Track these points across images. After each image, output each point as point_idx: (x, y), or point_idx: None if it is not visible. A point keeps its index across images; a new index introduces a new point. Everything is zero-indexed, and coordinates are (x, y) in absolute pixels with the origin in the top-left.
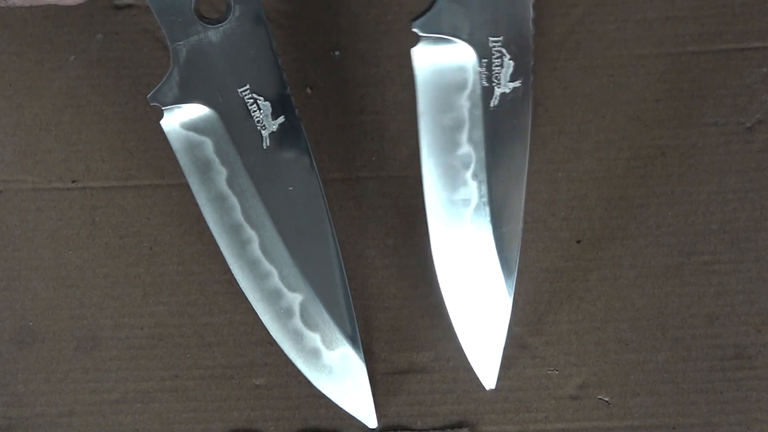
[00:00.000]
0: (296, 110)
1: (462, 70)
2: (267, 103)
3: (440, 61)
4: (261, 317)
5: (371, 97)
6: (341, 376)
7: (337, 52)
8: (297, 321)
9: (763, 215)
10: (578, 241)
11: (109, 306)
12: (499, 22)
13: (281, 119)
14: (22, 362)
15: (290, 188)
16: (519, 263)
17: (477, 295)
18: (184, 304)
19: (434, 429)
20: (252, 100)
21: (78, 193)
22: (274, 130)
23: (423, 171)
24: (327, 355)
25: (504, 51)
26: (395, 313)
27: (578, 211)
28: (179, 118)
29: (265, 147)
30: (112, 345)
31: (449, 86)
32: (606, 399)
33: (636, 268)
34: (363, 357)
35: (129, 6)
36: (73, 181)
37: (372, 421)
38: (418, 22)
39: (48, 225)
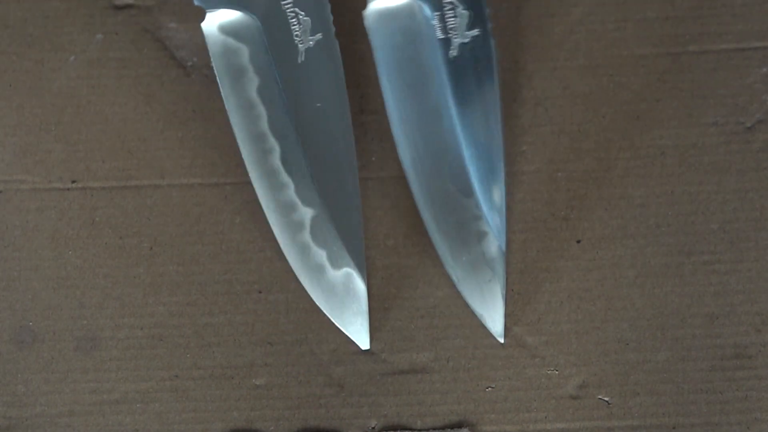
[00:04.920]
0: (334, 30)
1: (415, 24)
2: (307, 18)
3: (392, 20)
4: (272, 228)
5: (371, 97)
6: (342, 295)
7: None
8: (306, 235)
9: (763, 215)
10: (578, 241)
11: (109, 306)
12: None
13: (319, 36)
14: (22, 362)
15: (318, 104)
16: (520, 263)
17: (468, 245)
18: (184, 304)
19: (434, 429)
20: (293, 14)
21: (78, 193)
22: (311, 46)
23: (393, 129)
24: (331, 273)
25: (455, 2)
26: (395, 313)
27: (578, 211)
28: (220, 22)
29: (300, 61)
30: (112, 345)
31: (404, 42)
32: (606, 399)
33: (636, 267)
34: (365, 280)
35: (129, 6)
36: (73, 181)
37: (365, 343)
38: None
39: (48, 225)
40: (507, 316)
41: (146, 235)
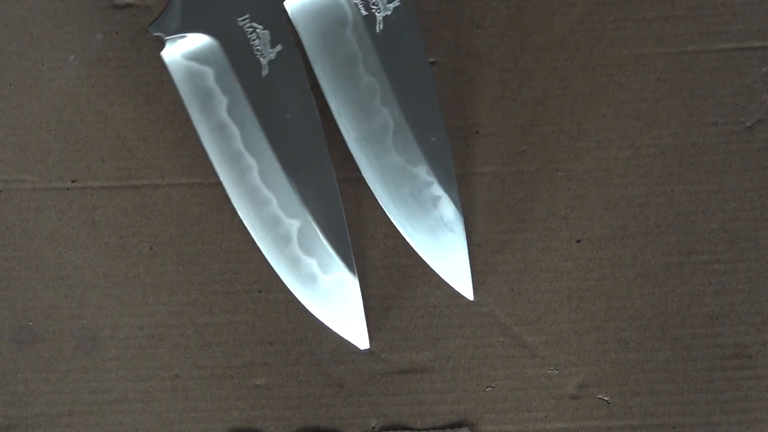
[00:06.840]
0: (293, 39)
1: (337, 6)
2: (266, 31)
3: (313, 5)
4: (259, 245)
5: None
6: (336, 299)
7: None
8: (294, 247)
9: (763, 215)
10: (578, 241)
11: (109, 306)
12: None
13: (279, 47)
14: (22, 362)
15: (288, 116)
16: (520, 263)
17: (425, 211)
18: (184, 304)
19: (434, 428)
20: (251, 29)
21: (78, 193)
22: (273, 58)
23: (333, 113)
24: (323, 280)
25: None
26: (395, 313)
27: (578, 210)
28: (181, 49)
29: (264, 75)
30: (112, 345)
31: (330, 26)
32: (606, 398)
33: (636, 267)
34: (357, 280)
35: (129, 6)
36: (73, 181)
37: (364, 343)
38: None
39: (48, 225)
40: (507, 314)
41: (146, 235)
